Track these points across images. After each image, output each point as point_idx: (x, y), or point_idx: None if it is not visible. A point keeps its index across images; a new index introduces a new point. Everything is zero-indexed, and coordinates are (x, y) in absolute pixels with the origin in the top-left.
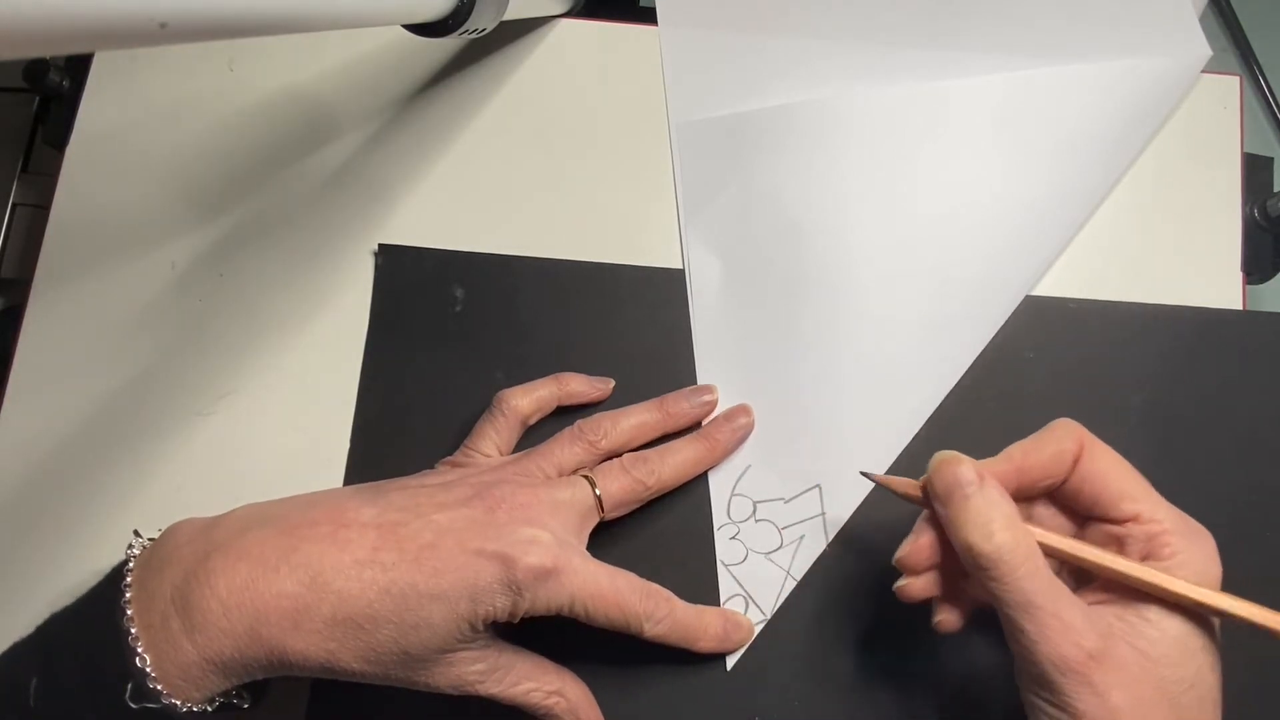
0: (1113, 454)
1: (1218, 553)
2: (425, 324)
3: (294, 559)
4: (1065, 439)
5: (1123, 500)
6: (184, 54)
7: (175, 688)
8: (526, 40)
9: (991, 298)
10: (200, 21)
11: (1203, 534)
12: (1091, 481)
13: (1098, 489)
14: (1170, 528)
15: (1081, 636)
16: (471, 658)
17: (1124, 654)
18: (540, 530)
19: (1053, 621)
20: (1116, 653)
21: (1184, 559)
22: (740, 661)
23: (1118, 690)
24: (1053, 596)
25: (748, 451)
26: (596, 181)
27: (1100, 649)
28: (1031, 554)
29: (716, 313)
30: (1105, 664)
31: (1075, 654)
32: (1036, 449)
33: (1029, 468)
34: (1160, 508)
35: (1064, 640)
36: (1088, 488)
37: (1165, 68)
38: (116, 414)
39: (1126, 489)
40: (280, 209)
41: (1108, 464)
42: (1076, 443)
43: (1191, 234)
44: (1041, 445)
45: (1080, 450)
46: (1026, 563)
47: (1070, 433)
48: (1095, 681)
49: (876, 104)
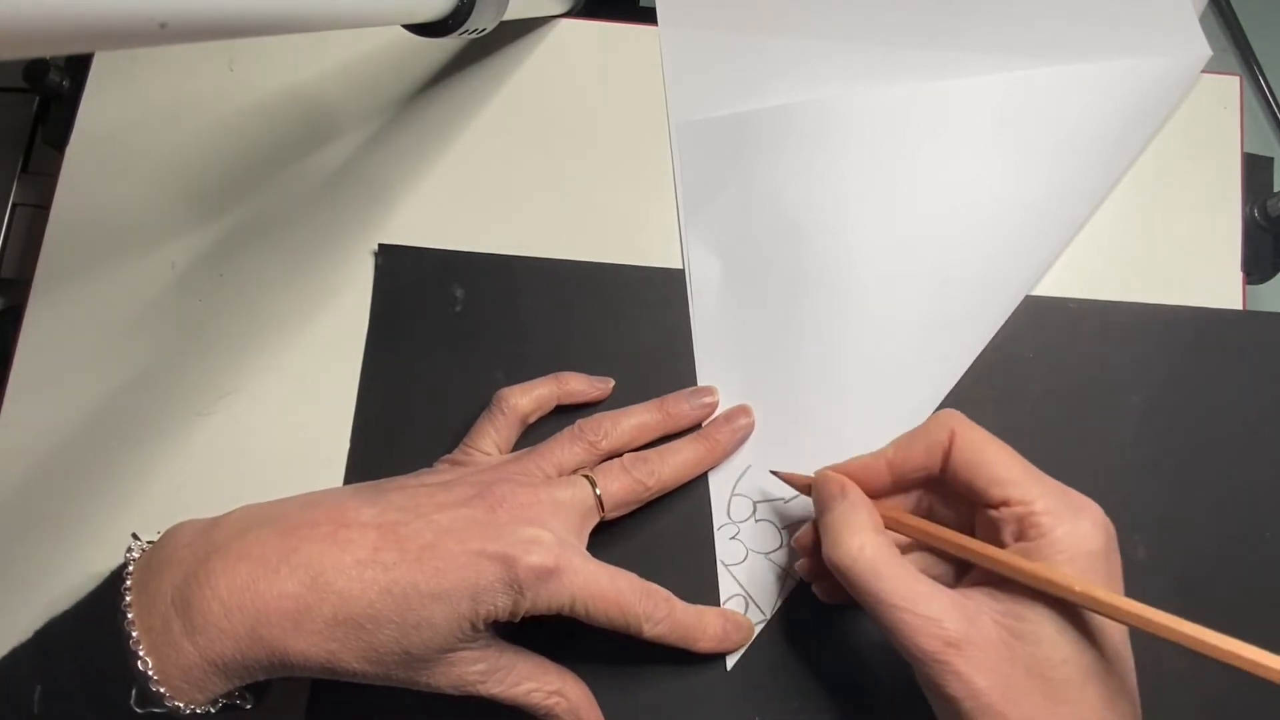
0: (988, 441)
1: (1101, 525)
2: (425, 324)
3: (294, 559)
4: (937, 430)
5: (991, 486)
6: (184, 54)
7: (177, 690)
8: (526, 40)
9: (991, 298)
10: (200, 21)
11: (1083, 509)
12: (964, 470)
13: (969, 477)
14: (1041, 508)
15: (938, 627)
16: (472, 658)
17: (990, 637)
18: (541, 530)
19: (908, 618)
20: (981, 637)
21: (1054, 537)
22: (740, 661)
23: (982, 673)
24: (904, 594)
25: (748, 451)
26: (596, 181)
27: (961, 635)
28: (881, 559)
29: (716, 313)
30: (967, 649)
31: (933, 645)
32: (909, 443)
33: (901, 461)
34: (1033, 489)
35: (920, 633)
36: (961, 476)
37: (1165, 68)
38: (116, 414)
39: (997, 474)
40: (280, 209)
41: (980, 452)
42: (947, 433)
43: (1191, 234)
44: (914, 439)
45: (951, 441)
46: (874, 568)
47: (943, 423)
48: (958, 668)
49: (876, 104)
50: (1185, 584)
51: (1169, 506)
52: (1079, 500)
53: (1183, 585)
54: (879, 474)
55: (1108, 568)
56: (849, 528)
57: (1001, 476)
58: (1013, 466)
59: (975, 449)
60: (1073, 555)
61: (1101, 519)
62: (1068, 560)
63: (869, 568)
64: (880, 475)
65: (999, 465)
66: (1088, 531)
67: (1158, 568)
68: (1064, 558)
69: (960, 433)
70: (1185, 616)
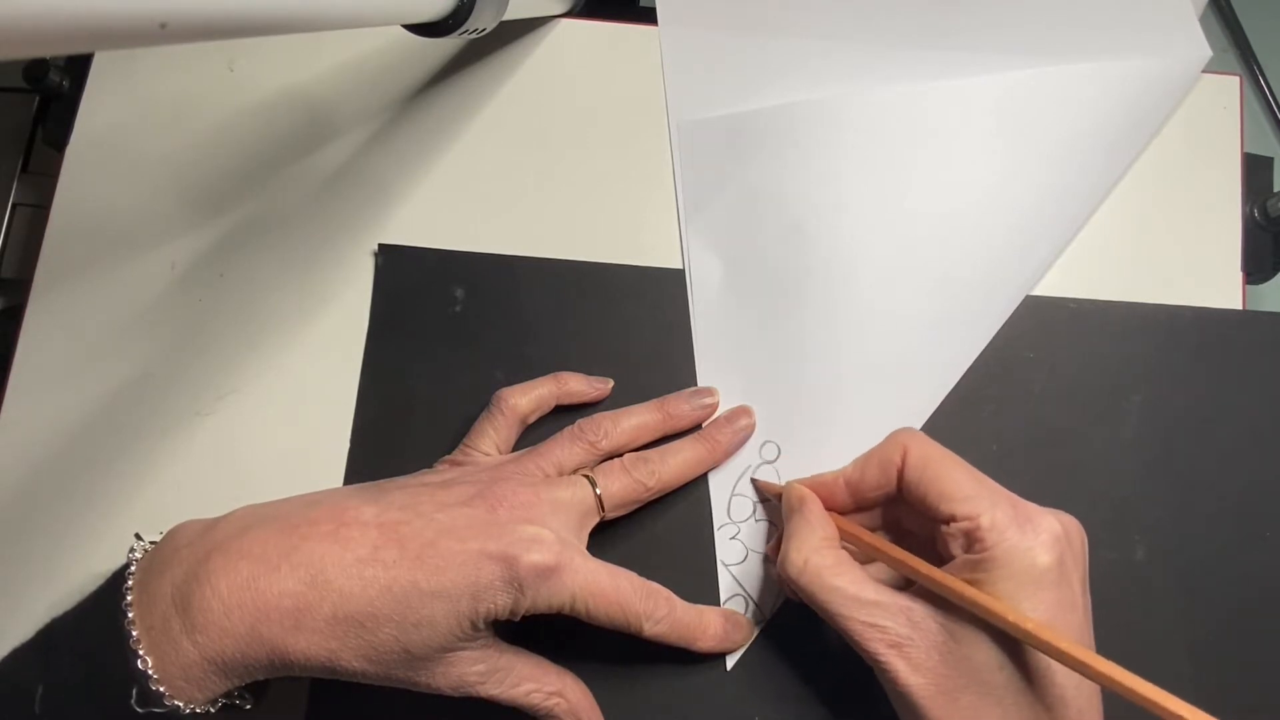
0: (941, 458)
1: (1054, 540)
2: (425, 324)
3: (295, 558)
4: (891, 449)
5: (940, 502)
6: (184, 54)
7: (177, 689)
8: (526, 40)
9: (991, 298)
10: (200, 21)
11: (1034, 524)
12: (916, 487)
13: (922, 493)
14: (986, 523)
15: (882, 632)
16: (472, 658)
17: (931, 639)
18: (541, 529)
19: (853, 625)
20: (923, 639)
21: (996, 553)
22: (740, 661)
23: (921, 672)
24: (846, 603)
25: (748, 451)
26: (597, 181)
27: (903, 638)
28: (826, 570)
29: (716, 313)
30: (908, 650)
31: (876, 646)
32: (865, 462)
33: (857, 481)
34: (981, 503)
35: (864, 637)
36: (915, 493)
37: (1165, 68)
38: (116, 414)
39: (945, 490)
40: (280, 209)
41: (929, 468)
42: (900, 451)
43: (1191, 234)
44: (870, 458)
45: (904, 459)
46: (821, 578)
47: (897, 441)
48: (899, 666)
49: (877, 104)
50: (1185, 584)
51: (1169, 506)
52: (1032, 514)
53: (1183, 585)
54: (839, 491)
55: (1057, 582)
56: (796, 542)
57: (949, 492)
58: (962, 482)
59: (925, 466)
60: (1014, 571)
61: (1056, 533)
62: (1007, 576)
63: (814, 579)
64: (840, 492)
65: (947, 481)
66: (1034, 546)
67: (1158, 568)
68: (1004, 573)
69: (912, 450)
70: (1185, 617)
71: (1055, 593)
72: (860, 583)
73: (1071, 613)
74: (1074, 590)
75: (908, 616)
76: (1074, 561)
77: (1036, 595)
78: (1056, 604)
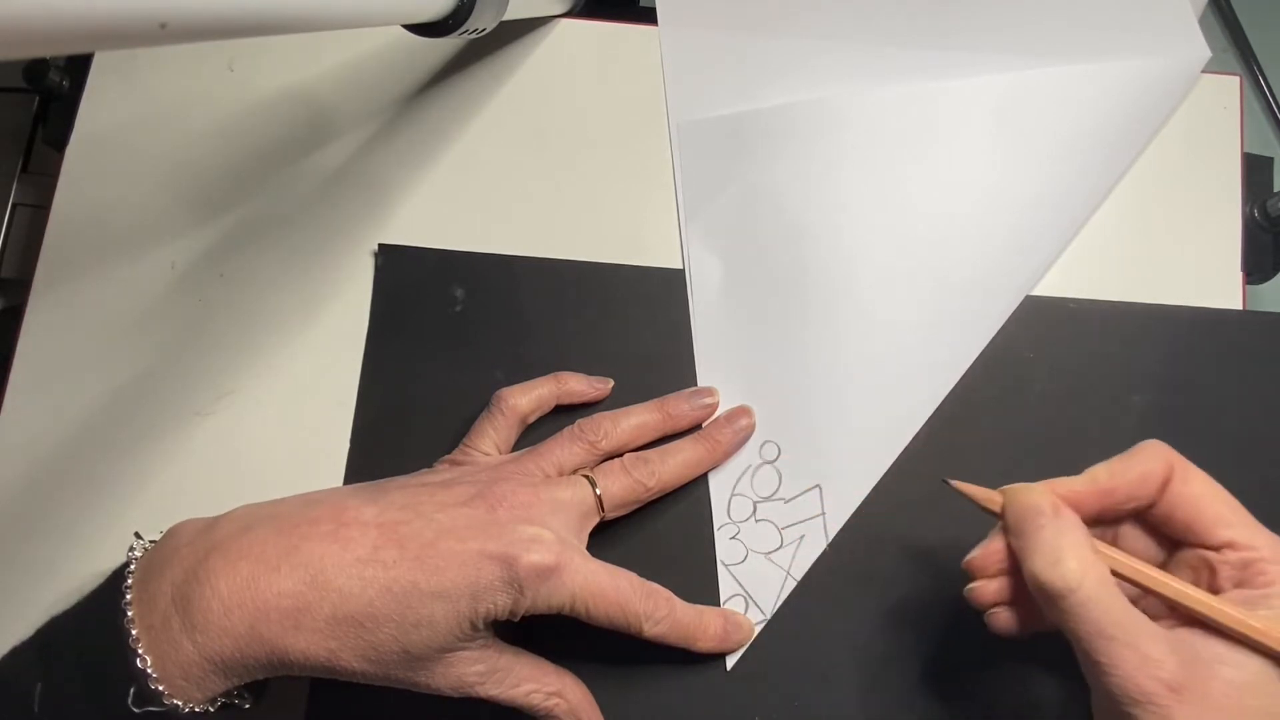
0: (1205, 478)
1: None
2: (425, 324)
3: (295, 558)
4: (1153, 460)
5: (1217, 526)
6: (184, 54)
7: (177, 688)
8: (526, 40)
9: (991, 298)
10: (200, 21)
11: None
12: (1183, 506)
13: (1190, 514)
14: (1268, 555)
15: (1159, 668)
16: (472, 658)
17: (1206, 684)
18: (541, 529)
19: (1127, 653)
20: (1198, 683)
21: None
22: (740, 661)
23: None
24: (1127, 627)
25: (748, 451)
26: (596, 181)
27: (1181, 680)
28: (1103, 585)
29: (716, 313)
30: (1185, 695)
31: (1153, 686)
32: (1122, 470)
33: (1112, 490)
34: (1259, 534)
35: (1140, 673)
36: (1179, 513)
37: (1165, 68)
38: (116, 414)
39: (1221, 514)
40: (280, 209)
41: (1200, 487)
42: (1165, 465)
43: (1191, 234)
44: (1128, 467)
45: (1170, 473)
46: (1096, 594)
47: (1159, 454)
48: (1174, 714)
49: (877, 104)
50: None
51: None
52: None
53: None
54: (1086, 498)
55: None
56: (1071, 547)
57: (1226, 517)
58: (1236, 508)
59: (1197, 484)
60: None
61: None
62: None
63: (1093, 593)
64: (1087, 500)
65: (1222, 504)
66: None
67: None
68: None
69: (1179, 466)
70: None
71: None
72: (1132, 608)
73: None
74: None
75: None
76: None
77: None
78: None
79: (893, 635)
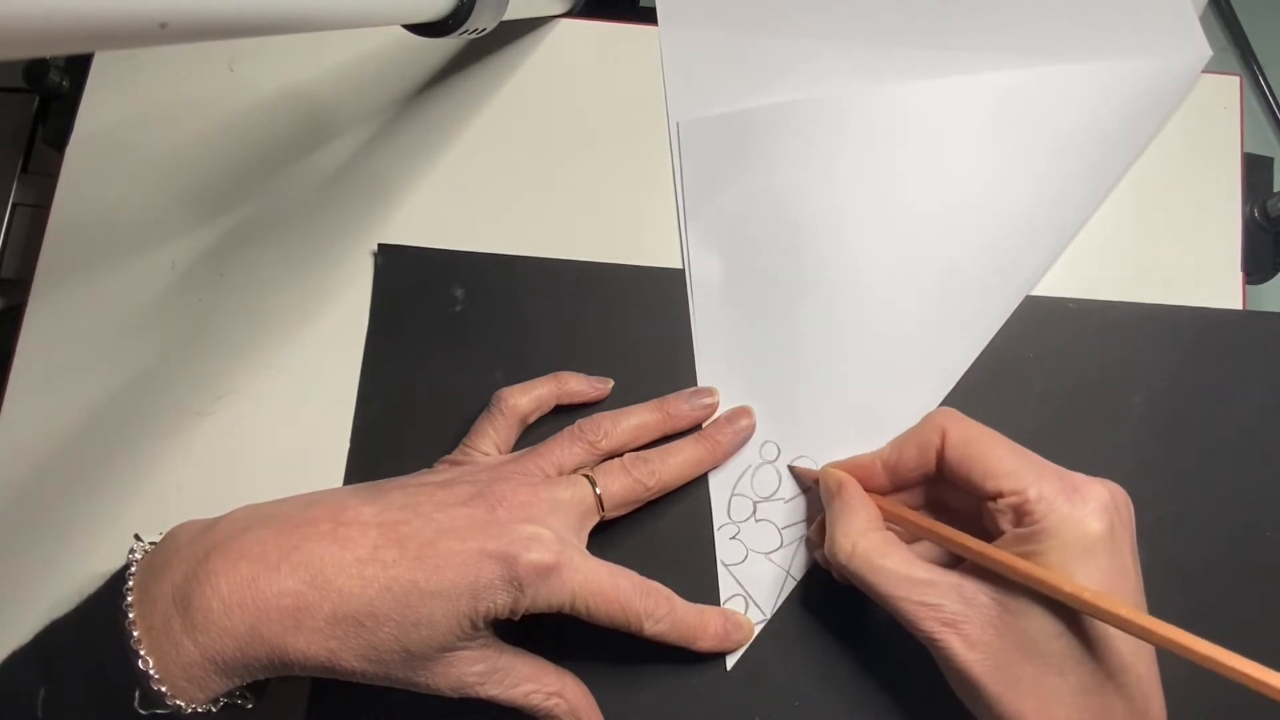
0: (981, 435)
1: (1103, 509)
2: (425, 324)
3: (295, 557)
4: (928, 430)
5: (985, 479)
6: (184, 54)
7: (178, 689)
8: (526, 40)
9: (991, 298)
10: (200, 21)
11: (1083, 492)
12: (958, 466)
13: (965, 473)
14: (1033, 495)
15: (936, 610)
16: (472, 658)
17: (986, 615)
18: (541, 528)
19: (906, 606)
20: (977, 615)
21: (1047, 524)
22: (740, 661)
23: (977, 648)
24: (898, 584)
25: (748, 451)
26: (597, 181)
27: (957, 615)
28: (875, 552)
29: (717, 313)
30: (963, 627)
31: (931, 626)
32: (903, 444)
33: (895, 463)
34: (1026, 476)
35: (918, 618)
36: (958, 472)
37: (1165, 68)
38: (116, 414)
39: (989, 467)
40: (280, 209)
41: (971, 446)
42: (939, 432)
43: (1191, 234)
44: (908, 439)
45: (943, 439)
46: (870, 560)
47: (934, 422)
48: (955, 644)
49: (877, 103)
50: (1185, 584)
51: (1169, 506)
52: (1080, 483)
53: (1183, 585)
54: (877, 473)
55: (1109, 550)
56: (841, 526)
57: (994, 469)
58: (1004, 457)
59: (965, 445)
60: (1065, 541)
61: (1105, 502)
62: (1059, 547)
63: (863, 562)
64: (878, 474)
65: (990, 458)
66: (1084, 515)
67: (1158, 567)
68: (1056, 544)
69: (951, 430)
70: (1185, 617)
71: (1108, 560)
72: (909, 562)
73: (1125, 579)
74: (1125, 557)
75: (959, 593)
76: (1123, 528)
77: (1090, 564)
78: (1110, 571)
79: (892, 635)
